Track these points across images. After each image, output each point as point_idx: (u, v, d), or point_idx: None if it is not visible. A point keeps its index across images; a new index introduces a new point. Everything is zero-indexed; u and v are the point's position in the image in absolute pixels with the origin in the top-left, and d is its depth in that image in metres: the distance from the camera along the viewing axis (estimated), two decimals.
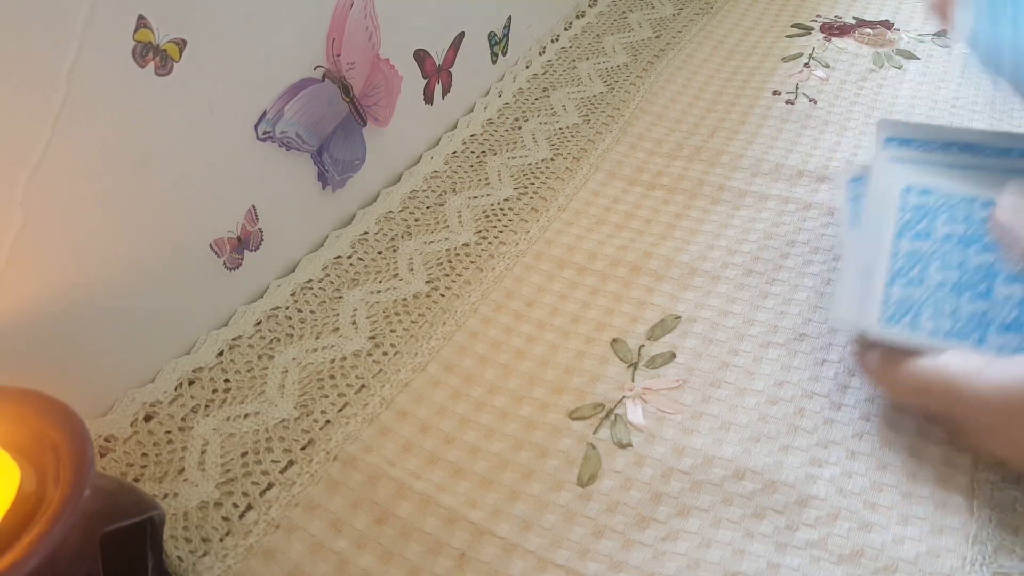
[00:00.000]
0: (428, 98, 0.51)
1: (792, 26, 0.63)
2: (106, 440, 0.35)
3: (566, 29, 0.65)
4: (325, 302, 0.42)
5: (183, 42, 0.33)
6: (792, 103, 0.54)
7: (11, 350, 0.31)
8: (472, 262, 0.44)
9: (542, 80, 0.59)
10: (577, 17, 0.66)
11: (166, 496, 0.33)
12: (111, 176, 0.32)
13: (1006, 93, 0.32)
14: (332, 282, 0.43)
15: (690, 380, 0.36)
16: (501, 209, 0.48)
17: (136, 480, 0.34)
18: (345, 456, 0.35)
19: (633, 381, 0.37)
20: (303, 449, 0.35)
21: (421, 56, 0.49)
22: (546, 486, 0.33)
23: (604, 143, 0.52)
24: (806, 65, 0.58)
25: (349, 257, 0.45)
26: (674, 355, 0.38)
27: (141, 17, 0.31)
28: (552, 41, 0.63)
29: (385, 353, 0.39)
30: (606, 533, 0.31)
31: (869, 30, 0.61)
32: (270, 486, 0.34)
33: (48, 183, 0.30)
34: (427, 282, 0.43)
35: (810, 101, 0.54)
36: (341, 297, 0.42)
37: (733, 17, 0.66)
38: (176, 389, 0.37)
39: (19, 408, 0.25)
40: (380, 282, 0.43)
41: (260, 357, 0.39)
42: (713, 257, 0.43)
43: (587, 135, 0.53)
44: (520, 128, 0.54)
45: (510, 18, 0.58)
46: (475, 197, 0.49)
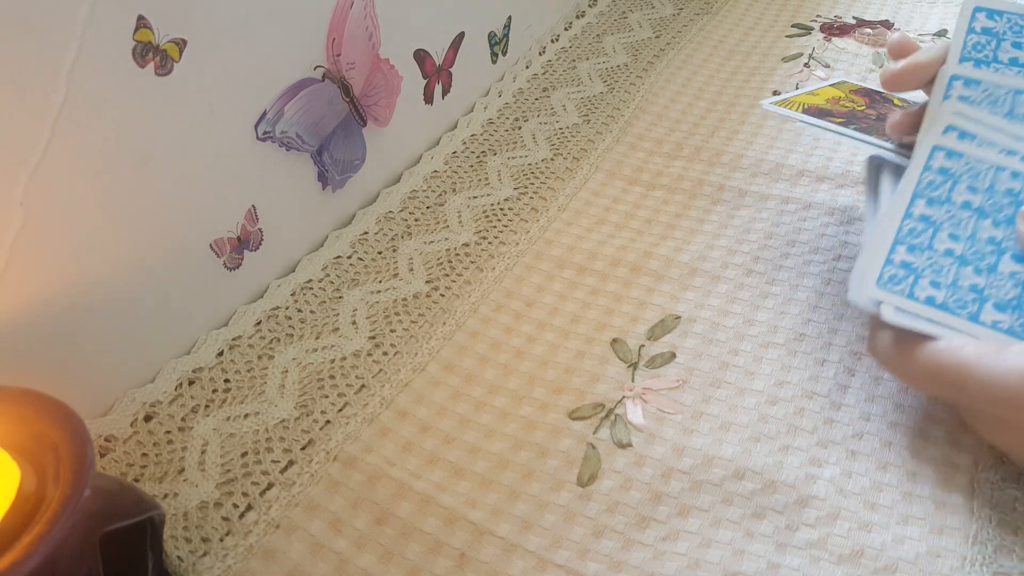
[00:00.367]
0: (428, 98, 0.51)
1: (792, 26, 0.63)
2: (106, 440, 0.35)
3: (566, 29, 0.65)
4: (325, 302, 0.42)
5: (183, 42, 0.33)
6: None
7: (11, 350, 0.31)
8: (472, 262, 0.44)
9: (542, 80, 0.59)
10: (577, 17, 0.66)
11: (166, 496, 0.33)
12: (111, 176, 0.32)
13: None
14: (332, 282, 0.43)
15: (690, 380, 0.36)
16: (501, 209, 0.48)
17: (136, 480, 0.34)
18: (345, 456, 0.35)
19: (633, 381, 0.37)
20: (303, 449, 0.35)
21: (421, 56, 0.49)
22: (546, 486, 0.33)
23: (604, 143, 0.52)
24: (806, 65, 0.58)
25: (349, 257, 0.45)
26: (674, 355, 0.38)
27: (141, 17, 0.31)
28: (552, 41, 0.63)
29: (385, 353, 0.39)
30: (606, 533, 0.31)
31: (869, 30, 0.61)
32: (270, 486, 0.34)
33: (48, 183, 0.30)
34: (427, 282, 0.43)
35: None
36: (341, 297, 0.42)
37: (733, 17, 0.66)
38: (176, 389, 0.37)
39: (19, 408, 0.25)
40: (380, 282, 0.43)
41: (260, 357, 0.39)
42: (713, 257, 0.43)
43: (587, 135, 0.53)
44: (520, 128, 0.54)
45: (510, 18, 0.58)
46: (475, 197, 0.49)
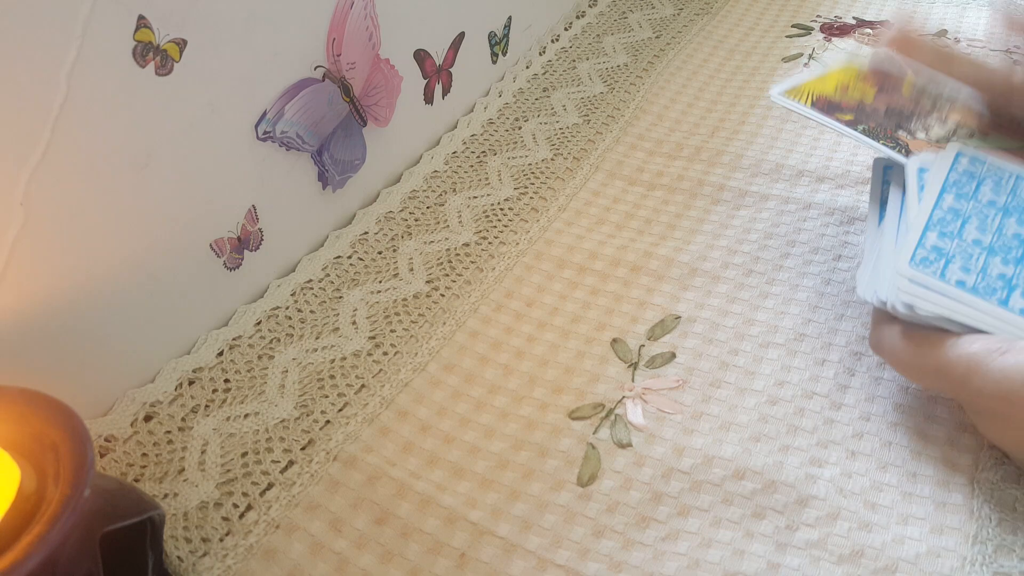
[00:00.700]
0: (428, 98, 0.51)
1: (792, 26, 0.63)
2: (106, 440, 0.35)
3: (566, 29, 0.65)
4: (325, 302, 0.42)
5: (183, 42, 0.33)
6: None
7: (11, 350, 0.31)
8: (472, 262, 0.44)
9: (542, 80, 0.59)
10: (577, 17, 0.66)
11: (166, 496, 0.33)
12: (111, 176, 0.32)
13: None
14: (332, 282, 0.43)
15: (690, 380, 0.36)
16: (501, 209, 0.48)
17: (136, 480, 0.34)
18: (345, 456, 0.35)
19: (633, 381, 0.37)
20: (303, 449, 0.35)
21: (421, 56, 0.49)
22: (546, 486, 0.33)
23: (604, 143, 0.52)
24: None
25: (349, 257, 0.45)
26: (674, 355, 0.38)
27: (141, 17, 0.31)
28: (552, 41, 0.63)
29: (385, 353, 0.39)
30: (606, 533, 0.31)
31: (869, 30, 0.61)
32: (270, 486, 0.34)
33: (48, 183, 0.30)
34: (427, 282, 0.43)
35: None
36: (341, 297, 0.42)
37: (733, 17, 0.66)
38: (176, 389, 0.37)
39: (19, 408, 0.25)
40: (380, 282, 0.43)
41: (260, 357, 0.39)
42: (713, 257, 0.43)
43: (587, 135, 0.53)
44: (520, 128, 0.54)
45: (510, 18, 0.58)
46: (475, 197, 0.49)
